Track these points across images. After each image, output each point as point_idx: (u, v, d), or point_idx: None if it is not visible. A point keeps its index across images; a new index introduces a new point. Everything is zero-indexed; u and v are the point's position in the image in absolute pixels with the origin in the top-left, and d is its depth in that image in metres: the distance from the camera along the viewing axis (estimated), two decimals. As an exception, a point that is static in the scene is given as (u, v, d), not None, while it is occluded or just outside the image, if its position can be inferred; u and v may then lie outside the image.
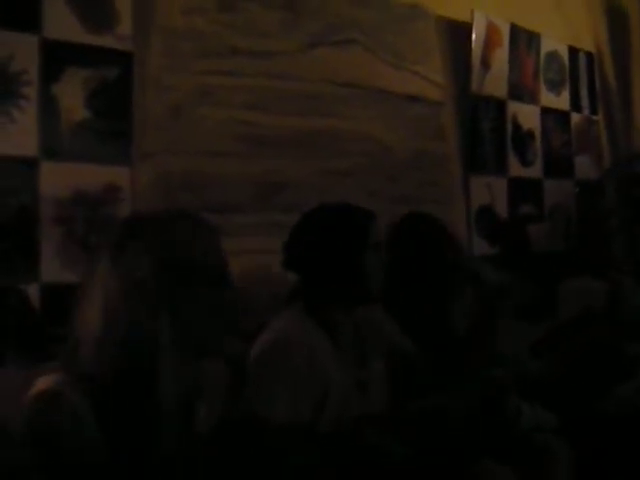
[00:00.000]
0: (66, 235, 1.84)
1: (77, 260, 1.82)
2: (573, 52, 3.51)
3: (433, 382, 1.63)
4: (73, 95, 1.86)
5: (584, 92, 3.59)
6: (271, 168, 2.25)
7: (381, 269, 1.59)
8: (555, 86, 3.40)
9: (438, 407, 1.54)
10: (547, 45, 3.34)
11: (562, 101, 3.45)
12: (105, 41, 1.91)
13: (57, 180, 1.83)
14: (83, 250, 1.84)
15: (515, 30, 3.12)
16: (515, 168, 3.15)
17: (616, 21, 3.80)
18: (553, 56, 3.39)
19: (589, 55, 3.63)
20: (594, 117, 3.66)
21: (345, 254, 1.55)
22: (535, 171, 3.27)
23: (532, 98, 3.26)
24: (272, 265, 2.11)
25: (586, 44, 3.63)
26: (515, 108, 3.15)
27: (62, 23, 1.84)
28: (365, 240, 1.57)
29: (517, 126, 3.17)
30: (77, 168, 1.87)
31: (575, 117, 3.53)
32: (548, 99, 3.36)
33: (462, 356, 1.79)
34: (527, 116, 3.23)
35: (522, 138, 3.20)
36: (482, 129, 2.98)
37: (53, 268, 1.80)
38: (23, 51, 1.77)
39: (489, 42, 2.98)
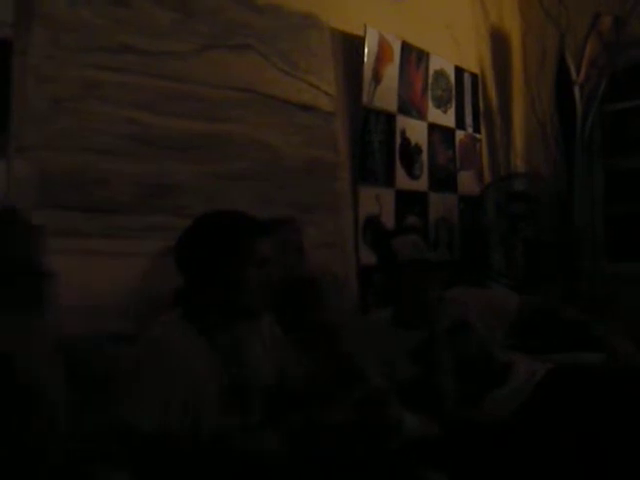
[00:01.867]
0: None
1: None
2: (459, 72, 3.67)
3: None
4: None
5: (468, 111, 3.76)
6: (159, 170, 2.19)
7: (265, 285, 1.56)
8: (442, 103, 3.54)
9: (313, 419, 1.53)
10: (435, 64, 3.47)
11: (448, 118, 3.59)
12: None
13: None
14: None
15: (406, 47, 3.22)
16: (402, 181, 3.24)
17: (499, 45, 4.03)
18: (441, 75, 3.52)
19: (474, 76, 3.81)
20: (477, 135, 3.84)
21: (226, 267, 1.52)
22: (421, 184, 3.38)
23: (420, 114, 3.37)
24: (155, 268, 2.08)
25: (471, 65, 3.81)
26: (404, 122, 3.24)
27: None
28: (249, 255, 1.54)
29: (405, 140, 3.26)
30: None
31: (459, 134, 3.68)
32: (435, 116, 3.48)
33: None
34: (415, 131, 3.33)
35: (410, 152, 3.29)
36: (372, 141, 3.05)
37: None
38: None
39: (381, 57, 3.06)
